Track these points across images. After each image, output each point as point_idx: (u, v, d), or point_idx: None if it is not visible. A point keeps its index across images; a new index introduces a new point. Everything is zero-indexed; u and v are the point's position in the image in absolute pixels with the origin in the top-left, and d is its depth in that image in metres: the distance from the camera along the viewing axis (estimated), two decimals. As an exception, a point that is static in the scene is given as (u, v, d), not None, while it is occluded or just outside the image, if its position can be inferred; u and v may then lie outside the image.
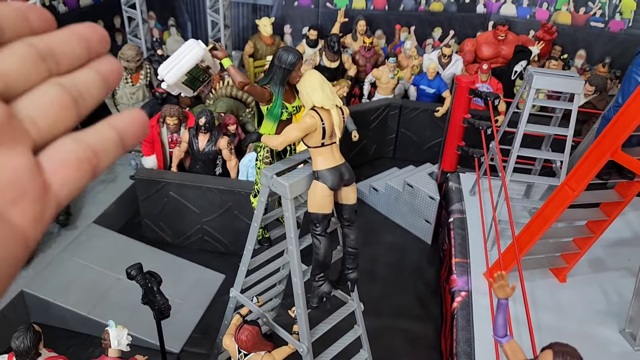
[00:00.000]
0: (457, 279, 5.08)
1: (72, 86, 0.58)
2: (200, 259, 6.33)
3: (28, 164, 0.52)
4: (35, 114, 0.54)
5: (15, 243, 0.50)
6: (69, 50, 0.59)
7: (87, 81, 0.60)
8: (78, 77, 0.59)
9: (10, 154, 0.51)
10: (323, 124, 3.45)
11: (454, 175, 6.71)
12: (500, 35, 8.55)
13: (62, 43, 0.59)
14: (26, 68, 0.54)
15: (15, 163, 0.51)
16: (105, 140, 0.60)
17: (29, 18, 0.57)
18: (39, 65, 0.55)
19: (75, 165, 0.56)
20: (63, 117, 0.56)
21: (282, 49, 3.49)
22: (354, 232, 3.86)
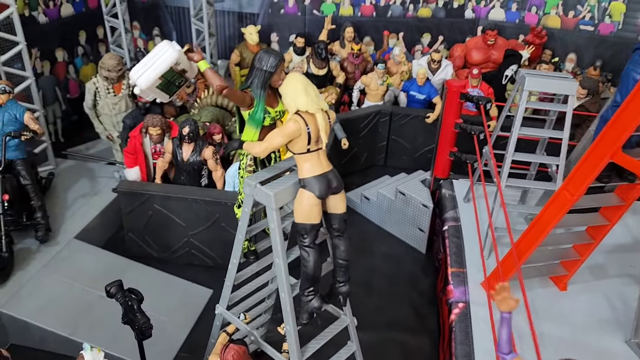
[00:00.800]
0: (453, 290, 4.89)
1: None
2: (187, 273, 6.10)
3: None
4: None
5: None
6: None
7: None
8: None
9: None
10: (308, 129, 3.27)
11: (447, 182, 6.53)
12: (489, 40, 8.43)
13: None
14: None
15: None
16: None
17: None
18: None
19: None
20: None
21: (262, 51, 3.31)
22: (345, 243, 3.65)
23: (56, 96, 8.20)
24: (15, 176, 5.88)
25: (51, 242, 5.98)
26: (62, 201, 6.59)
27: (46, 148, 7.16)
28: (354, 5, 8.98)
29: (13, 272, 5.55)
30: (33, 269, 5.64)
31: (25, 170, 5.94)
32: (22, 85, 6.74)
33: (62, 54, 8.21)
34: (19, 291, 5.36)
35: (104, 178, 7.02)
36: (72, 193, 6.76)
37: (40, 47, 7.75)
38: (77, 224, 6.25)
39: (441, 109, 6.40)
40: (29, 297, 5.32)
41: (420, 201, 6.50)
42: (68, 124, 8.44)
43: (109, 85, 6.76)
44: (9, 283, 5.45)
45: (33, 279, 5.54)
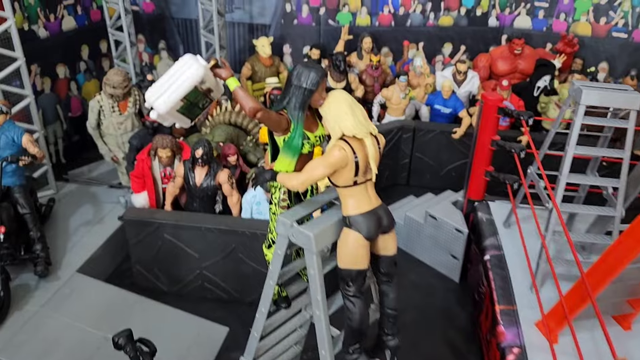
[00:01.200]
0: (505, 332, 4.33)
1: None
2: (200, 309, 5.54)
3: None
4: None
5: None
6: None
7: None
8: None
9: None
10: (356, 158, 2.74)
11: (483, 205, 5.99)
12: (516, 49, 7.94)
13: None
14: None
15: None
16: None
17: None
18: None
19: None
20: None
21: (301, 65, 2.78)
22: (395, 290, 3.12)
23: (57, 115, 7.70)
24: (12, 205, 5.37)
25: (51, 277, 5.46)
26: (63, 231, 6.07)
27: (46, 172, 6.65)
28: (371, 14, 8.50)
29: (9, 312, 5.03)
30: (31, 309, 5.11)
31: (24, 198, 5.43)
32: (20, 104, 6.24)
33: (64, 70, 7.71)
34: (15, 335, 4.85)
35: (109, 204, 6.50)
36: (74, 221, 6.24)
37: (40, 63, 7.26)
38: (80, 256, 5.73)
39: (476, 125, 5.86)
40: (27, 342, 4.80)
41: (453, 225, 5.96)
42: (70, 145, 7.93)
43: (114, 103, 6.24)
44: (4, 325, 4.92)
45: (31, 320, 5.01)
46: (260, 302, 3.35)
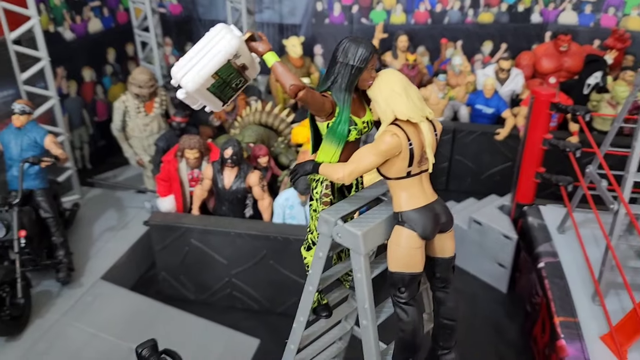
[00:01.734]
0: (567, 347, 3.87)
1: None
2: (229, 319, 5.21)
3: None
4: None
5: None
6: None
7: None
8: None
9: None
10: (410, 145, 2.37)
11: (533, 209, 5.53)
12: (562, 46, 7.50)
13: None
14: None
15: None
16: None
17: None
18: None
19: None
20: None
21: (348, 39, 2.43)
22: (452, 298, 2.72)
23: (83, 119, 7.51)
24: (34, 208, 5.13)
25: (74, 283, 5.21)
26: (87, 236, 5.82)
27: (71, 176, 6.42)
28: (407, 12, 8.15)
29: (30, 320, 4.78)
30: (52, 317, 4.86)
31: (46, 201, 5.19)
32: (45, 105, 6.03)
33: (90, 73, 7.53)
34: (36, 344, 4.61)
35: (134, 208, 6.23)
36: (99, 226, 5.99)
37: (66, 65, 7.08)
38: (104, 263, 5.46)
39: (526, 122, 5.43)
40: (47, 351, 4.56)
41: (501, 231, 5.51)
42: (96, 150, 7.73)
43: (139, 104, 6.00)
44: (24, 335, 4.67)
45: (52, 328, 4.76)
46: (298, 310, 2.98)
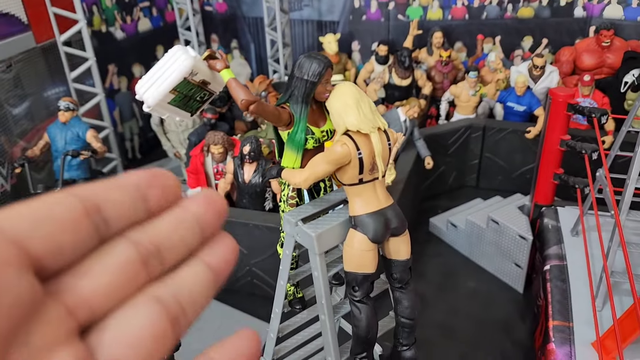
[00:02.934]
0: (556, 350, 3.91)
1: (174, 301, 0.46)
2: (248, 305, 5.55)
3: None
4: (118, 352, 0.42)
5: None
6: (177, 241, 0.48)
7: (193, 287, 0.48)
8: (183, 282, 0.48)
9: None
10: (360, 154, 2.55)
11: (550, 210, 5.49)
12: (604, 41, 7.24)
13: (171, 232, 0.48)
14: (122, 283, 0.44)
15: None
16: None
17: (147, 198, 0.47)
18: (138, 273, 0.45)
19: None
20: (156, 349, 0.44)
21: (304, 56, 2.64)
22: (409, 297, 2.88)
23: (133, 113, 8.06)
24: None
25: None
26: (124, 223, 6.29)
27: (116, 166, 6.97)
28: (443, 7, 8.11)
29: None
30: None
31: (85, 184, 5.69)
32: (91, 101, 6.58)
33: (139, 70, 8.07)
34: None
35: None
36: (137, 214, 6.46)
37: (117, 63, 7.63)
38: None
39: (544, 123, 5.39)
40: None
41: (517, 232, 5.51)
42: (145, 141, 8.28)
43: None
44: None
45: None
46: (273, 302, 3.26)
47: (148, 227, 0.47)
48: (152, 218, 0.48)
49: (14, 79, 5.80)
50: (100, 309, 0.43)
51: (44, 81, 6.31)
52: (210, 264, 0.50)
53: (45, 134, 5.65)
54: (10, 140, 5.71)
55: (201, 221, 0.50)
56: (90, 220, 0.43)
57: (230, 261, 0.52)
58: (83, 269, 0.43)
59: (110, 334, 0.43)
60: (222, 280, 0.52)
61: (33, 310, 0.39)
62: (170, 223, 0.48)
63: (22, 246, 0.39)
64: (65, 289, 0.42)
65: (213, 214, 0.51)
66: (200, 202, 0.51)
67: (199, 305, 0.49)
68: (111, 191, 0.45)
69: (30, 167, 5.47)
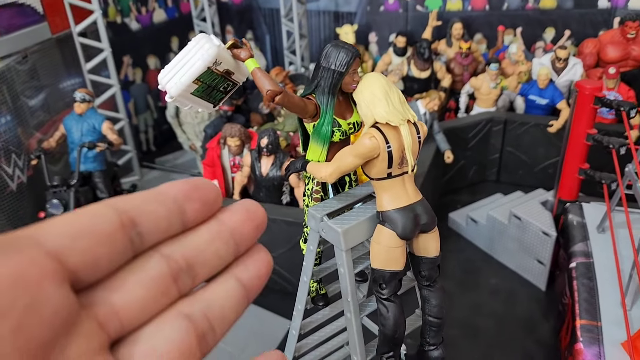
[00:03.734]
0: (584, 350, 3.79)
1: (202, 317, 0.47)
2: (266, 300, 5.47)
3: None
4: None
5: None
6: (211, 256, 0.49)
7: (224, 303, 0.49)
8: (213, 298, 0.49)
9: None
10: (389, 147, 2.45)
11: (575, 206, 5.35)
12: (629, 33, 7.04)
13: (206, 247, 0.48)
14: (152, 298, 0.45)
15: None
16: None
17: (184, 211, 0.47)
18: (169, 289, 0.46)
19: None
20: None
21: (331, 44, 2.53)
22: (438, 296, 2.78)
23: (148, 105, 8.01)
24: (92, 189, 5.61)
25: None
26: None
27: (131, 158, 6.92)
28: (463, -2, 7.96)
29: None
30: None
31: (103, 182, 5.66)
32: (106, 93, 6.52)
33: (154, 61, 8.00)
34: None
35: (187, 191, 6.63)
36: (152, 207, 6.42)
37: (132, 54, 7.57)
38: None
39: (569, 116, 5.24)
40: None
41: (540, 228, 5.38)
42: (159, 133, 8.23)
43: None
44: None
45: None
46: (296, 299, 3.17)
47: (182, 241, 0.48)
48: (188, 231, 0.48)
49: (30, 70, 5.76)
50: (130, 324, 0.44)
51: (60, 72, 6.26)
52: (242, 280, 0.50)
53: (61, 125, 5.60)
54: (26, 132, 5.67)
55: (237, 235, 0.50)
56: (126, 234, 0.43)
57: (263, 277, 0.52)
58: (115, 282, 0.44)
59: (140, 348, 0.44)
60: (253, 296, 0.52)
61: (70, 322, 0.39)
62: (206, 237, 0.48)
63: (60, 259, 0.39)
64: (98, 302, 0.43)
65: (251, 228, 0.51)
66: (238, 214, 0.50)
67: (227, 321, 0.50)
68: (148, 204, 0.45)
69: (46, 158, 5.42)
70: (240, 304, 0.50)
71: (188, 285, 0.48)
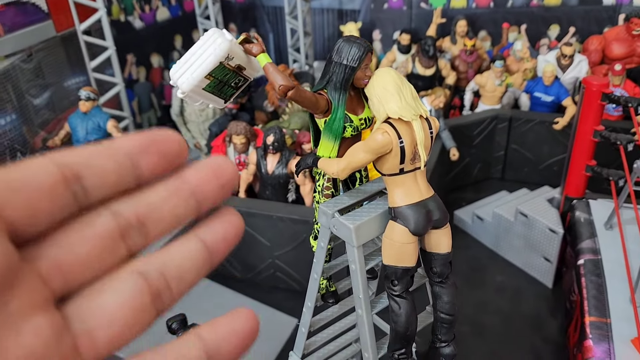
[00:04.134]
0: (594, 347, 3.78)
1: (158, 275, 0.46)
2: (271, 298, 5.48)
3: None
4: (94, 324, 0.42)
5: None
6: (166, 214, 0.46)
7: (183, 263, 0.47)
8: (172, 257, 0.47)
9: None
10: (401, 143, 2.43)
11: (582, 203, 5.33)
12: (635, 29, 7.01)
13: (161, 204, 0.46)
14: (97, 253, 0.43)
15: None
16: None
17: (139, 165, 0.45)
18: (116, 246, 0.44)
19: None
20: (134, 322, 0.44)
21: (342, 40, 2.52)
22: (449, 292, 2.77)
23: (151, 103, 8.00)
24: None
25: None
26: (145, 213, 6.25)
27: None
28: (468, -5, 7.93)
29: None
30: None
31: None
32: (111, 91, 6.51)
33: (158, 60, 7.99)
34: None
35: (190, 189, 6.62)
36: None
37: (135, 52, 7.55)
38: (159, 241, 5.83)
39: (577, 113, 5.23)
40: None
41: (547, 225, 5.37)
42: (163, 131, 8.21)
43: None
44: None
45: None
46: (306, 296, 3.16)
47: (135, 197, 0.46)
48: (144, 187, 0.46)
49: (35, 68, 5.74)
50: (75, 279, 0.42)
51: (64, 71, 6.25)
52: (206, 241, 0.48)
53: (66, 124, 5.59)
54: (31, 131, 5.66)
55: (198, 193, 0.47)
56: (68, 188, 0.42)
57: (230, 240, 0.49)
58: (59, 238, 0.42)
59: (88, 305, 0.43)
60: (218, 259, 0.49)
61: (10, 275, 0.38)
62: (162, 194, 0.46)
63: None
64: (40, 256, 0.41)
65: (215, 186, 0.48)
66: (203, 172, 0.47)
67: (186, 282, 0.47)
68: (95, 158, 0.43)
69: (52, 157, 5.41)
70: (201, 265, 0.48)
71: (139, 243, 0.46)
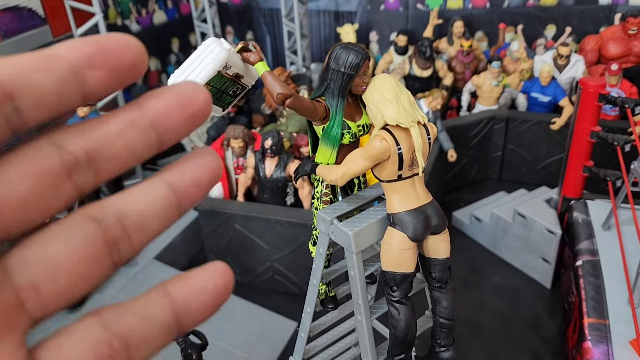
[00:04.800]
0: (592, 349, 3.79)
1: (115, 222, 0.40)
2: (271, 302, 5.47)
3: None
4: (38, 275, 0.37)
5: None
6: (120, 148, 0.40)
7: (145, 209, 0.41)
8: (133, 202, 0.41)
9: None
10: (399, 149, 2.44)
11: (580, 204, 5.35)
12: (631, 29, 7.03)
13: (115, 137, 0.40)
14: (37, 192, 0.37)
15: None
16: (149, 324, 0.42)
17: (85, 81, 0.38)
18: (61, 184, 0.38)
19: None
20: (85, 274, 0.39)
21: (340, 47, 2.52)
22: (449, 297, 2.78)
23: (149, 106, 7.98)
24: (95, 192, 5.59)
25: (130, 262, 5.62)
26: (143, 218, 6.25)
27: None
28: (464, -4, 7.94)
29: (89, 295, 5.24)
30: (109, 293, 5.29)
31: (106, 185, 5.65)
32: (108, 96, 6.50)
33: (155, 63, 7.98)
34: (92, 317, 5.02)
35: (188, 193, 6.62)
36: (155, 209, 6.41)
37: (132, 56, 7.54)
38: (158, 243, 5.82)
39: (574, 114, 5.24)
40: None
41: (545, 226, 5.38)
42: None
43: (193, 94, 6.32)
44: (84, 307, 5.12)
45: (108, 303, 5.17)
46: (305, 301, 3.16)
47: (84, 129, 0.40)
48: (91, 104, 0.41)
49: (32, 73, 5.73)
50: (15, 222, 0.37)
51: (61, 75, 6.24)
52: (175, 185, 0.43)
53: (63, 129, 5.59)
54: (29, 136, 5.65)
55: (159, 125, 0.41)
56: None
57: (204, 184, 0.44)
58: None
59: (31, 254, 0.38)
60: (188, 205, 0.44)
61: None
62: (117, 126, 0.41)
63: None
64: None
65: (180, 117, 0.42)
66: (165, 100, 0.41)
67: (149, 230, 0.43)
68: (31, 72, 0.37)
69: (49, 162, 5.41)
70: (168, 212, 0.43)
71: (90, 182, 0.41)
